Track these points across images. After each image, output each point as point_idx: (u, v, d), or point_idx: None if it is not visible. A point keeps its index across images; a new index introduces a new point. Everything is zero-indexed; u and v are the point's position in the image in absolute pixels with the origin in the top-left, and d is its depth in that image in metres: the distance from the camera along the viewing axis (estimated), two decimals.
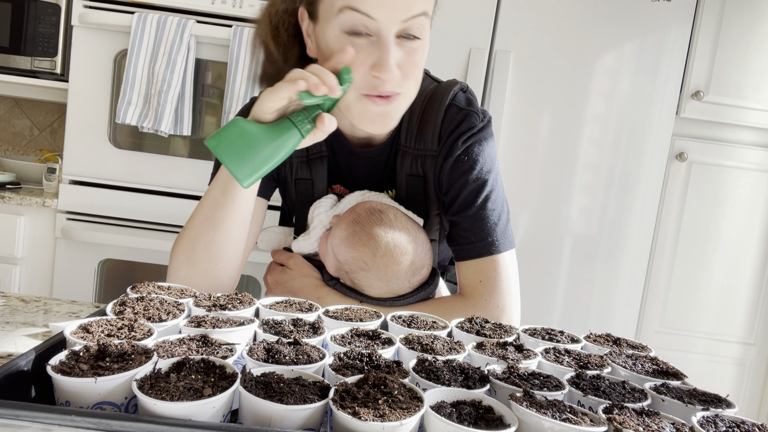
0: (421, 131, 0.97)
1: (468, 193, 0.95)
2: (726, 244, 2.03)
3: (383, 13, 0.79)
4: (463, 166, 0.95)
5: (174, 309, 0.70)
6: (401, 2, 0.79)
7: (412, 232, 0.92)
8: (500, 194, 0.98)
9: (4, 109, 2.51)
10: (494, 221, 0.95)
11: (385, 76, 0.83)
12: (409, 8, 0.80)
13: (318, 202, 1.00)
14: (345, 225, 0.93)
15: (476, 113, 0.97)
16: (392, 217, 0.92)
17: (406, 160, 0.98)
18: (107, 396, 0.49)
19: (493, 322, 0.81)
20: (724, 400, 0.61)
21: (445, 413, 0.49)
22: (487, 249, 0.94)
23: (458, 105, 0.97)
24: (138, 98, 1.90)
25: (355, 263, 0.91)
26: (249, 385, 0.50)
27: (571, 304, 1.97)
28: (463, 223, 0.96)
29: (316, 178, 1.01)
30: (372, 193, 0.99)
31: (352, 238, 0.91)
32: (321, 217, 0.98)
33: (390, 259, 0.90)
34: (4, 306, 0.87)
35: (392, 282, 0.91)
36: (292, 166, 1.02)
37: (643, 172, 1.93)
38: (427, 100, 0.98)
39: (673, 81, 1.91)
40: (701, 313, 2.06)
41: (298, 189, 1.02)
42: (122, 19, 1.87)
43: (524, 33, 1.89)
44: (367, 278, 0.91)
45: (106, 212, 1.95)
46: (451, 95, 0.97)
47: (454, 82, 1.00)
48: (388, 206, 0.94)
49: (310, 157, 1.01)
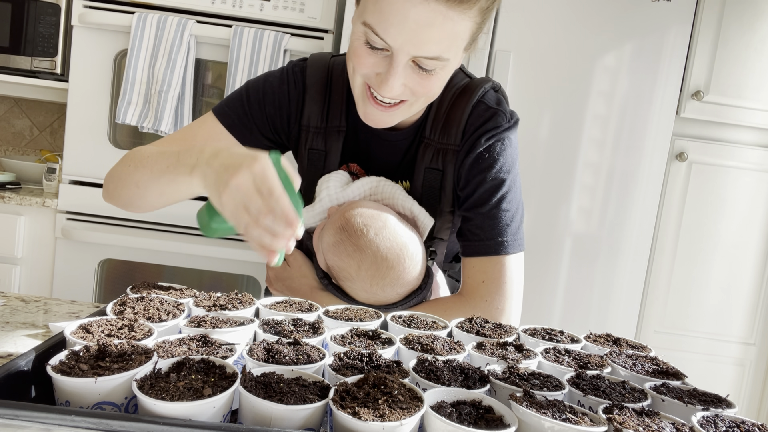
0: (446, 125, 0.97)
1: (484, 190, 0.95)
2: (726, 244, 2.03)
3: (397, 44, 0.79)
4: (483, 164, 0.95)
5: (174, 309, 0.70)
6: (415, 40, 0.78)
7: (403, 244, 0.89)
8: (516, 196, 0.97)
9: (4, 109, 2.51)
10: (506, 222, 0.95)
11: (384, 93, 0.84)
12: (421, 48, 0.79)
13: (328, 176, 0.97)
14: (333, 230, 0.91)
15: (503, 113, 0.96)
16: (381, 226, 0.89)
17: (428, 153, 0.97)
18: (107, 396, 0.49)
19: (493, 322, 0.81)
20: (724, 400, 0.61)
21: (445, 413, 0.49)
22: (495, 248, 0.94)
23: (486, 103, 0.97)
24: (138, 98, 1.90)
25: (341, 272, 0.90)
26: (249, 385, 0.50)
27: (571, 304, 1.97)
28: (475, 219, 0.95)
29: (330, 151, 1.00)
30: (387, 182, 0.97)
31: (339, 246, 0.89)
32: (330, 191, 0.96)
33: (375, 272, 0.88)
34: (4, 306, 0.87)
35: (378, 294, 0.90)
36: (308, 136, 1.00)
37: (643, 172, 1.93)
38: (456, 95, 0.97)
39: (673, 81, 1.91)
40: (701, 313, 2.05)
41: (311, 158, 1.00)
42: (122, 19, 1.87)
43: (524, 33, 1.89)
44: (353, 288, 0.91)
45: (106, 212, 1.95)
46: (480, 92, 0.97)
47: (487, 79, 1.00)
48: (379, 213, 0.91)
49: (328, 129, 0.99)
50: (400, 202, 0.95)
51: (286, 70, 1.01)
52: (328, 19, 1.92)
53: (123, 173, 0.91)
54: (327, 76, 1.00)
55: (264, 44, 1.86)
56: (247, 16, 1.91)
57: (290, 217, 0.64)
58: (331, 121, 0.99)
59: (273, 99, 0.99)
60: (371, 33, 0.80)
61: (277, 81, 1.00)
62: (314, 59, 1.02)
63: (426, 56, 0.80)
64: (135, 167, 0.88)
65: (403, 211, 0.96)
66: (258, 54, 1.87)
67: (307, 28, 1.93)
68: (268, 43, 1.86)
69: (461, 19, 0.78)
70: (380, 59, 0.82)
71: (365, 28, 0.80)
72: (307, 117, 1.00)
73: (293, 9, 1.91)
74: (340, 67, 1.01)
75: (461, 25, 0.79)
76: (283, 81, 1.00)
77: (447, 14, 0.77)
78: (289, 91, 1.00)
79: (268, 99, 0.99)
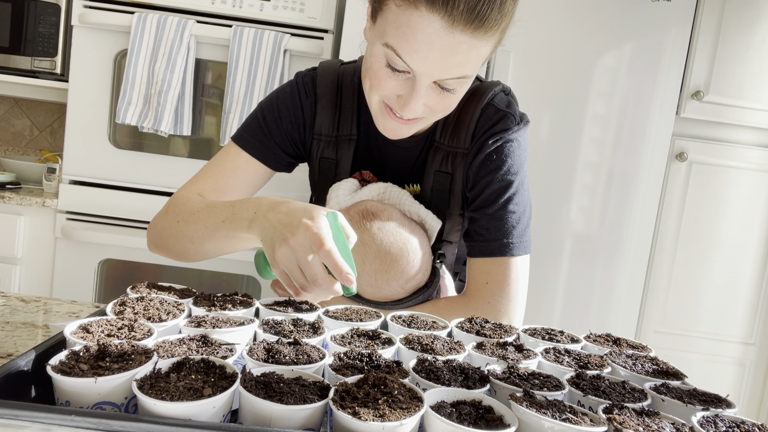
0: (456, 129, 0.97)
1: (492, 191, 0.95)
2: (726, 244, 2.03)
3: (422, 69, 0.78)
4: (491, 165, 0.95)
5: (174, 309, 0.70)
6: (442, 65, 0.78)
7: (406, 238, 0.90)
8: (524, 198, 0.97)
9: (4, 109, 2.51)
10: (513, 223, 0.95)
11: (406, 115, 0.84)
12: (448, 72, 0.79)
13: (338, 184, 0.98)
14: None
15: (512, 115, 0.96)
16: (386, 221, 0.90)
17: (438, 156, 0.97)
18: (107, 396, 0.49)
19: (493, 322, 0.81)
20: (724, 400, 0.61)
21: (445, 413, 0.49)
22: (500, 250, 0.94)
23: (496, 105, 0.97)
24: (138, 98, 1.90)
25: None
26: (249, 385, 0.50)
27: (571, 304, 1.97)
28: (481, 220, 0.95)
29: (340, 160, 1.00)
30: (394, 188, 0.98)
31: None
32: (339, 199, 0.96)
33: (380, 266, 0.89)
34: (4, 306, 0.87)
35: (383, 288, 0.90)
36: (320, 145, 1.01)
37: (643, 172, 1.93)
38: (466, 98, 0.97)
39: (673, 81, 1.91)
40: (701, 313, 2.05)
41: (322, 167, 1.01)
42: (122, 19, 1.87)
43: (524, 33, 1.89)
44: (358, 284, 0.91)
45: (106, 212, 1.95)
46: (490, 95, 0.97)
47: (497, 83, 1.00)
48: (383, 208, 0.92)
49: (339, 138, 1.00)
50: (406, 207, 0.96)
51: (296, 81, 1.03)
52: (328, 19, 1.92)
53: (172, 228, 0.91)
54: (337, 85, 1.01)
55: (264, 44, 1.86)
56: (247, 16, 1.91)
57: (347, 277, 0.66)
58: (342, 130, 1.00)
59: (288, 114, 1.01)
60: (394, 56, 0.79)
61: (288, 95, 1.01)
62: (324, 68, 1.03)
63: (450, 78, 0.80)
64: (186, 222, 0.88)
65: (410, 215, 0.96)
66: (258, 54, 1.87)
67: (307, 28, 1.93)
68: (268, 43, 1.86)
69: (485, 44, 0.78)
70: (401, 82, 0.82)
71: (387, 49, 0.79)
72: (318, 126, 1.00)
73: (293, 9, 1.91)
74: (350, 76, 1.01)
75: (484, 48, 0.79)
76: (294, 93, 1.01)
77: (472, 42, 0.76)
78: (302, 101, 1.01)
79: (284, 115, 1.01)
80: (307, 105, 1.01)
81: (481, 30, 0.75)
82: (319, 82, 1.01)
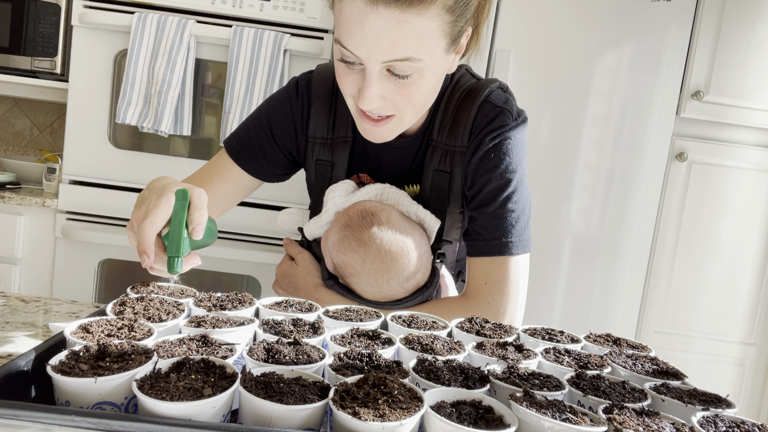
0: (453, 127, 0.96)
1: (490, 190, 0.94)
2: (726, 244, 2.03)
3: (364, 53, 0.79)
4: (489, 163, 0.94)
5: (174, 309, 0.70)
6: (380, 46, 0.77)
7: (405, 237, 0.90)
8: (523, 196, 0.96)
9: (4, 109, 2.51)
10: (512, 222, 0.94)
11: (363, 106, 0.84)
12: (389, 52, 0.78)
13: (334, 186, 0.98)
14: (337, 228, 0.92)
15: (510, 112, 0.95)
16: (384, 221, 0.90)
17: (436, 155, 0.97)
18: (107, 396, 0.49)
19: (493, 322, 0.81)
20: (724, 400, 0.61)
21: (445, 413, 0.49)
22: (499, 249, 0.93)
23: (493, 102, 0.96)
24: (138, 98, 1.89)
25: (347, 268, 0.91)
26: (249, 385, 0.50)
27: (571, 304, 1.97)
28: (480, 219, 0.95)
29: (336, 162, 1.00)
30: (391, 188, 0.97)
31: (343, 243, 0.90)
32: (336, 201, 0.96)
33: (380, 265, 0.89)
34: (4, 306, 0.87)
35: (384, 288, 0.90)
36: (315, 147, 1.01)
37: (643, 172, 1.93)
38: (463, 96, 0.97)
39: (673, 81, 1.91)
40: (701, 313, 2.05)
41: (318, 170, 1.02)
42: (122, 19, 1.87)
43: (524, 33, 1.89)
44: (359, 283, 0.91)
45: (106, 212, 1.95)
46: (486, 92, 0.96)
47: (494, 80, 1.00)
48: (382, 208, 0.92)
49: (334, 140, 1.00)
50: (404, 207, 0.95)
51: (289, 85, 1.04)
52: (328, 19, 1.92)
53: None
54: (333, 86, 1.01)
55: (264, 44, 1.86)
56: (247, 16, 1.91)
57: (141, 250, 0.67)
58: (338, 132, 1.00)
59: (278, 120, 1.02)
60: (340, 47, 0.81)
61: (278, 102, 1.03)
62: (320, 71, 1.03)
63: (394, 59, 0.78)
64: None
65: (408, 215, 0.96)
66: (258, 54, 1.87)
67: (307, 28, 1.93)
68: (268, 43, 1.86)
69: (420, 20, 0.76)
70: (357, 75, 0.83)
71: (336, 45, 0.82)
72: (313, 128, 1.01)
73: (293, 9, 1.91)
74: None
75: (424, 25, 0.77)
76: (285, 100, 1.02)
77: (401, 17, 0.75)
78: (292, 106, 1.01)
79: (273, 121, 1.02)
80: (298, 108, 1.01)
81: (407, 3, 0.75)
82: (314, 85, 1.01)
